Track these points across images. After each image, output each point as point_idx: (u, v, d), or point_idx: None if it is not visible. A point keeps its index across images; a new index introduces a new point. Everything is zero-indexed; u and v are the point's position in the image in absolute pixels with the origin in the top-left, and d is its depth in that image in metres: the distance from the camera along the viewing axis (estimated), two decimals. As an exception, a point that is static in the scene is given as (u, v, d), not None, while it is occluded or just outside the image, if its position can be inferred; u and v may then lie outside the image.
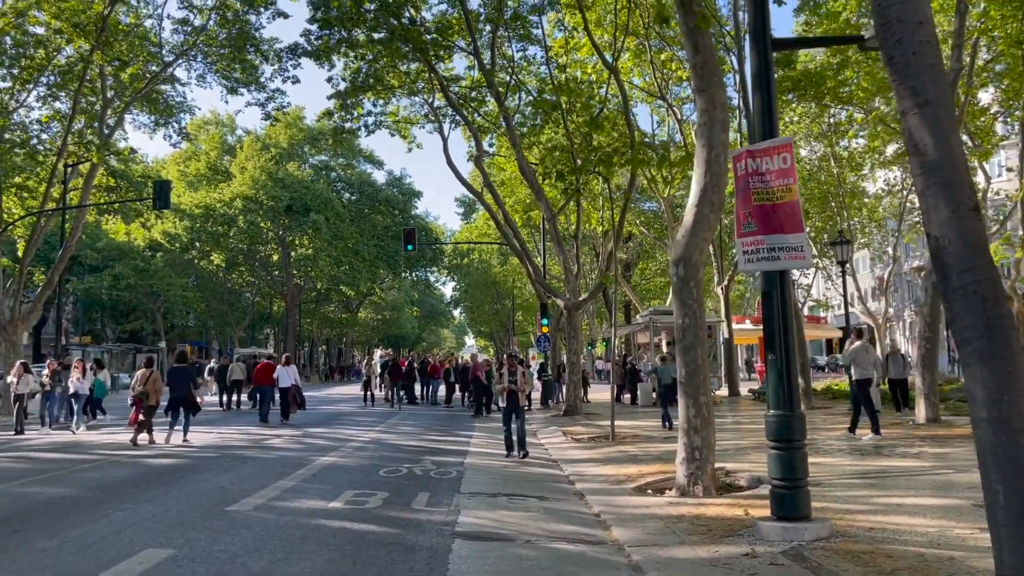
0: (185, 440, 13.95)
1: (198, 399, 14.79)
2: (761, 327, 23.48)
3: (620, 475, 10.14)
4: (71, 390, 17.00)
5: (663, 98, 28.39)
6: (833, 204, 36.31)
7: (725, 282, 28.01)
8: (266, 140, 57.28)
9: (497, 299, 67.67)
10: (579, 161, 16.33)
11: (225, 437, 14.91)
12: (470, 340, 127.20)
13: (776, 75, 23.61)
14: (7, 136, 26.85)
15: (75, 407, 17.04)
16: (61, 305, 56.98)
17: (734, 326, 29.02)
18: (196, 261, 54.69)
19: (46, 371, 17.52)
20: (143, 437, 13.73)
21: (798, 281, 46.88)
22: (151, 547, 5.89)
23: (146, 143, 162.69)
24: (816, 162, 37.04)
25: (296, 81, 26.74)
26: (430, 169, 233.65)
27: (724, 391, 25.75)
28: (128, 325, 56.69)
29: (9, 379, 17.79)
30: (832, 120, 33.78)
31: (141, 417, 14.03)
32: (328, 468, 10.51)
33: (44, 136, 29.42)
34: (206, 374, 26.02)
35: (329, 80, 23.09)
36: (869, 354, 13.62)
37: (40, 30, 26.55)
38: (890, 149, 34.03)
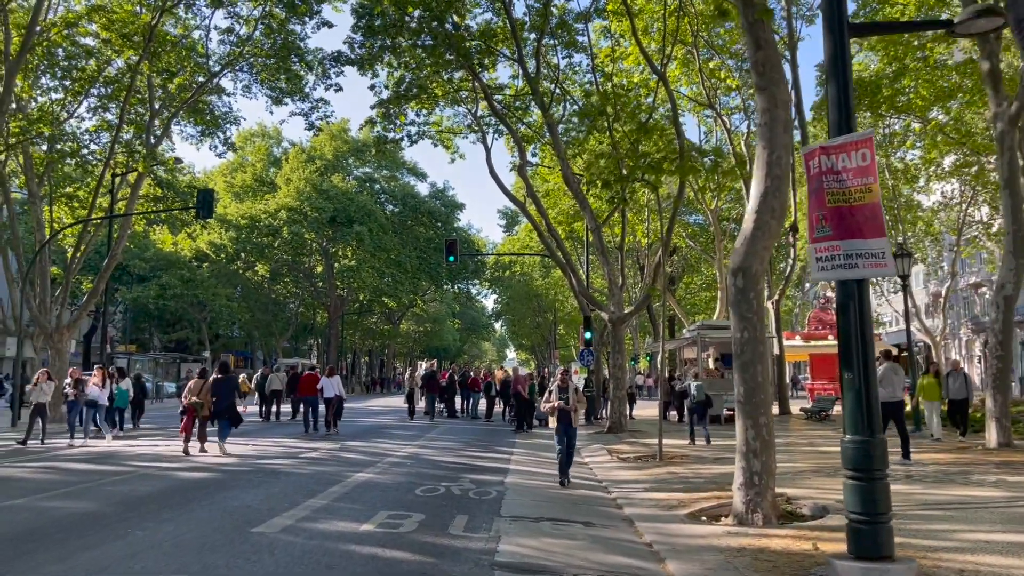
0: (222, 451, 13.90)
1: (241, 409, 14.73)
2: (812, 343, 22.81)
3: (671, 499, 9.49)
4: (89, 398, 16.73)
5: (712, 107, 27.70)
6: (888, 218, 35.09)
7: (776, 296, 27.05)
8: (311, 152, 57.70)
9: (539, 312, 67.09)
10: (625, 170, 15.72)
11: (261, 449, 14.56)
12: (511, 353, 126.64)
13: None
14: (58, 146, 27.23)
15: (95, 415, 16.75)
16: (108, 314, 58.21)
17: (784, 342, 28.06)
18: (241, 272, 55.17)
19: (68, 379, 17.18)
20: (194, 445, 14.04)
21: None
22: (165, 574, 5.45)
23: (194, 155, 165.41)
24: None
25: (339, 89, 26.41)
26: (473, 180, 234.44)
27: (775, 409, 24.77)
28: (174, 334, 57.36)
29: (28, 387, 17.58)
30: (887, 131, 32.66)
31: (195, 427, 14.21)
32: (363, 486, 10.04)
33: (94, 147, 29.84)
34: (252, 384, 25.82)
35: (372, 88, 22.85)
36: (898, 376, 13.14)
37: (91, 41, 26.94)
38: (948, 161, 32.77)
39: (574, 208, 33.48)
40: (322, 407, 19.60)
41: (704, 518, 8.50)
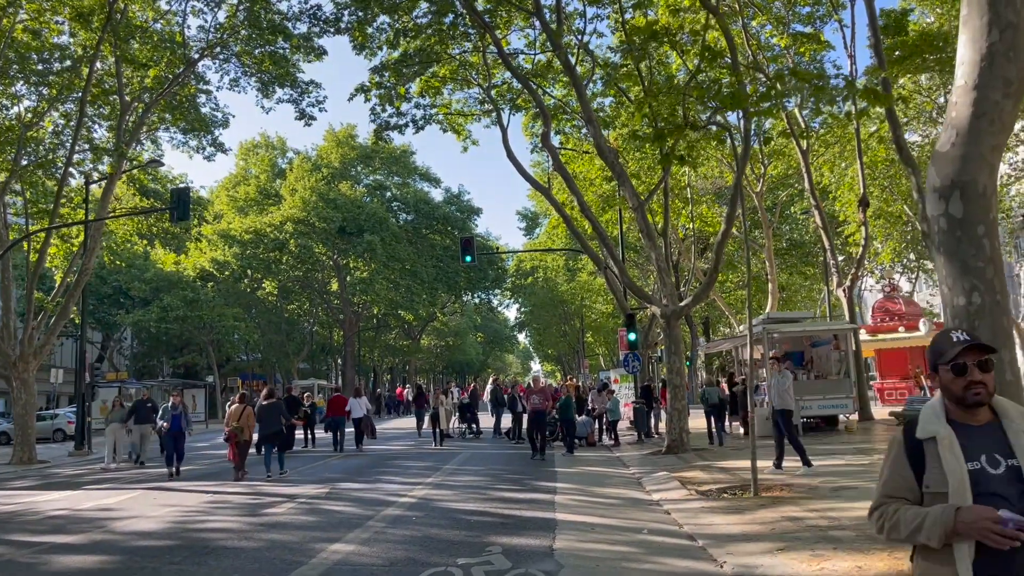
0: (283, 472, 14.13)
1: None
2: (879, 337, 20.09)
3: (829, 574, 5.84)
4: None
5: (761, 71, 23.99)
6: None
7: (847, 281, 23.21)
8: (317, 160, 54.58)
9: (564, 320, 63.37)
10: (684, 110, 12.06)
11: (215, 500, 10.97)
12: (535, 365, 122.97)
13: (884, 44, 19.08)
14: (34, 158, 24.12)
15: None
16: (114, 340, 55.16)
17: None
18: (249, 290, 52.01)
19: None
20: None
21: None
22: None
23: (194, 169, 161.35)
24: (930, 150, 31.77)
25: (323, 53, 23.08)
26: (488, 181, 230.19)
27: (854, 416, 20.73)
28: (181, 359, 54.14)
29: None
30: (947, 94, 28.69)
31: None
32: (332, 573, 6.42)
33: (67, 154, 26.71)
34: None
35: (363, 49, 19.33)
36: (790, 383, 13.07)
37: (65, 39, 23.90)
38: (1018, 126, 28.95)
39: (603, 197, 29.89)
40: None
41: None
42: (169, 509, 10.18)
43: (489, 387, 27.83)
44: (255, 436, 14.60)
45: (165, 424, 15.59)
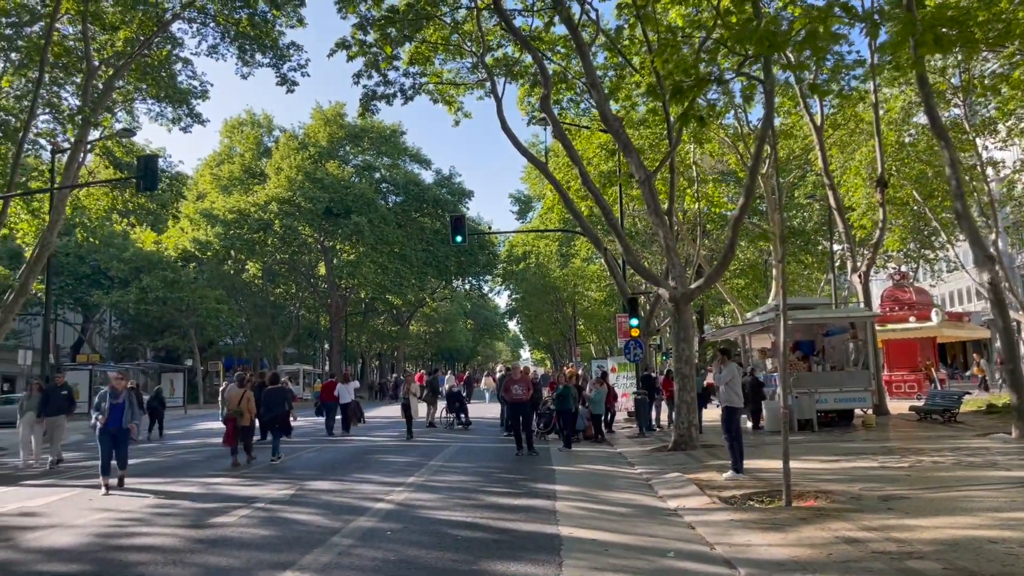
0: (274, 460, 13.99)
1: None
2: (888, 327, 17.82)
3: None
4: None
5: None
6: (969, 178, 29.73)
7: (862, 267, 21.76)
8: (304, 139, 52.79)
9: (556, 307, 61.85)
10: (708, 57, 10.48)
11: (159, 504, 9.44)
12: (525, 353, 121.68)
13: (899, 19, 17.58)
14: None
15: None
16: (49, 316, 53.21)
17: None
18: (232, 272, 50.28)
19: None
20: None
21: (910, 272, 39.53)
22: None
23: (177, 147, 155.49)
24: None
25: (301, 4, 21.57)
26: (480, 170, 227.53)
27: (869, 410, 19.28)
28: (161, 342, 52.41)
29: None
30: (963, 73, 27.15)
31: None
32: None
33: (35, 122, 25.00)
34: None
35: (348, 2, 17.67)
36: (741, 379, 12.08)
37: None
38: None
39: (603, 175, 28.28)
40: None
41: None
42: (101, 516, 8.63)
43: (497, 375, 26.77)
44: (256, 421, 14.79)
45: (100, 417, 10.79)
